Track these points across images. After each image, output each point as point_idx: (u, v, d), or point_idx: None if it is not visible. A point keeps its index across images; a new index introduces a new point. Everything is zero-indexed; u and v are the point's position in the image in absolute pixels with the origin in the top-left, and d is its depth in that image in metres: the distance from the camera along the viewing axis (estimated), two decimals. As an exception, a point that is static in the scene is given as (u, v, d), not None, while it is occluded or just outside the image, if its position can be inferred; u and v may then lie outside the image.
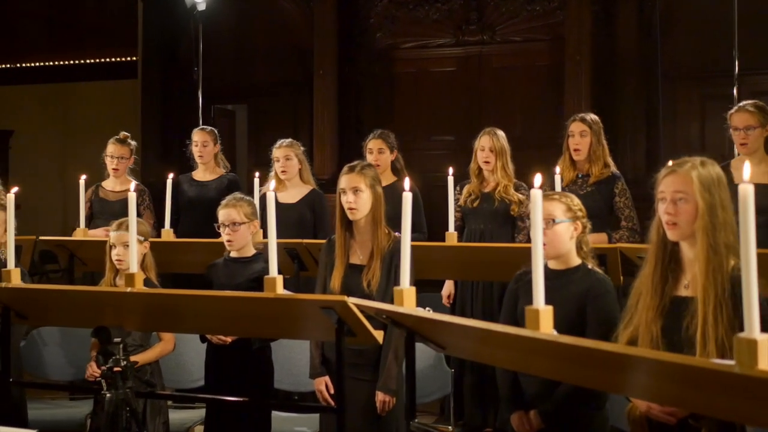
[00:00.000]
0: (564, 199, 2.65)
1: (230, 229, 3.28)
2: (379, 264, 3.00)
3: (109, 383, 2.59)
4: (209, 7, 7.80)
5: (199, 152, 4.71)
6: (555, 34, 7.68)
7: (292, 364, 3.77)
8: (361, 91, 8.29)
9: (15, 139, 9.63)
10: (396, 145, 4.56)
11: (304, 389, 3.79)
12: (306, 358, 3.63)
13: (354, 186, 3.00)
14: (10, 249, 2.79)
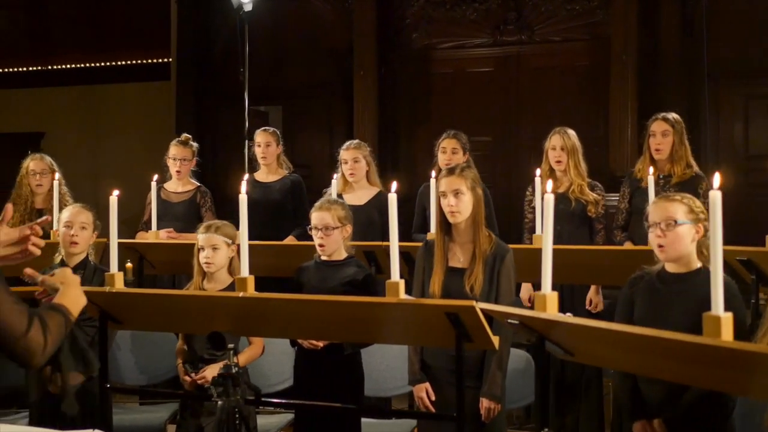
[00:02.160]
0: (686, 201, 2.59)
1: (323, 233, 3.22)
2: (481, 267, 2.94)
3: (221, 390, 2.54)
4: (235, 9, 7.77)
5: (263, 153, 4.65)
6: (595, 33, 7.61)
7: (372, 368, 3.71)
8: (397, 91, 8.23)
9: (46, 141, 9.58)
10: (468, 146, 4.49)
11: (385, 394, 3.73)
12: (392, 363, 3.59)
13: (455, 188, 2.94)
14: (113, 252, 2.73)
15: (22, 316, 1.49)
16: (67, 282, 1.76)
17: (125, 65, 9.49)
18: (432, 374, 3.05)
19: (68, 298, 1.68)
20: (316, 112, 8.58)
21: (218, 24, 8.82)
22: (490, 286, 2.94)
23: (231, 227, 3.36)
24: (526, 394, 3.46)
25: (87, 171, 9.77)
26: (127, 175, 9.20)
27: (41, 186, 4.40)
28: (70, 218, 3.37)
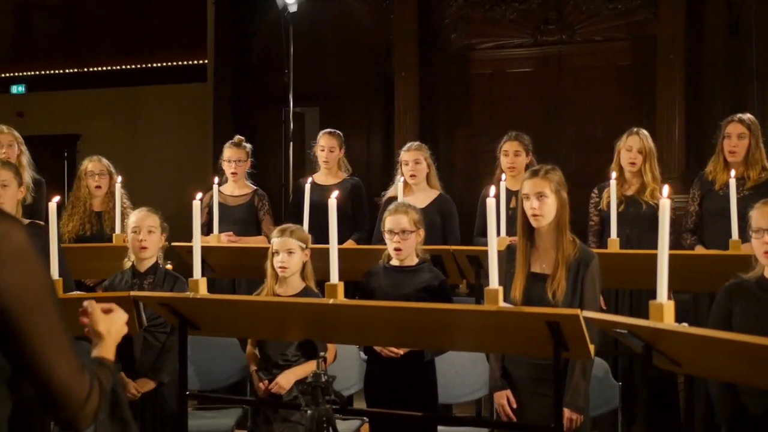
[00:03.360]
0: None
1: (399, 237, 3.15)
2: (564, 273, 2.87)
3: (310, 399, 2.49)
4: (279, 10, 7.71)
5: (325, 157, 4.59)
6: (638, 32, 7.52)
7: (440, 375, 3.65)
8: (435, 93, 8.16)
9: (82, 143, 9.62)
10: (531, 147, 4.41)
11: (450, 401, 3.67)
12: (459, 370, 3.53)
13: (539, 191, 2.87)
14: (197, 257, 2.69)
15: (84, 379, 1.20)
16: (110, 331, 1.43)
17: (161, 67, 9.50)
18: (512, 382, 2.98)
19: (109, 349, 1.40)
20: (353, 113, 8.53)
21: (255, 25, 8.80)
22: (573, 293, 2.86)
23: (305, 231, 3.31)
24: (608, 399, 3.39)
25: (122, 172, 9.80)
26: (163, 177, 9.23)
27: (100, 188, 4.37)
28: (138, 223, 3.33)
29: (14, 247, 1.10)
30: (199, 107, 9.17)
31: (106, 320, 1.40)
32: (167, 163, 9.26)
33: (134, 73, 9.59)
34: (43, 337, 1.13)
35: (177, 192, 8.44)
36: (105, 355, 1.36)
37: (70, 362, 1.17)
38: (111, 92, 9.62)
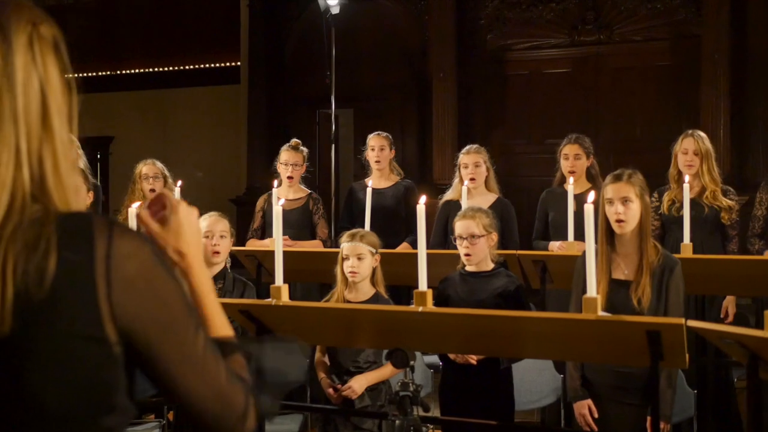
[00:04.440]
0: None
1: (468, 242, 3.10)
2: (648, 279, 2.80)
3: (399, 409, 2.44)
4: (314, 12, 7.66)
5: (377, 157, 4.54)
6: (678, 32, 7.43)
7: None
8: (471, 94, 8.10)
9: (115, 145, 9.64)
10: (592, 151, 4.34)
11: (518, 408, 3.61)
12: (524, 377, 3.47)
13: (623, 196, 2.81)
14: (278, 263, 2.65)
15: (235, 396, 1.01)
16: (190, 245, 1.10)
17: (194, 69, 9.50)
18: (593, 390, 2.92)
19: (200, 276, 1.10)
20: (387, 114, 8.49)
21: (289, 27, 8.77)
22: (658, 300, 2.80)
23: (374, 236, 3.26)
24: (684, 408, 3.32)
25: (155, 175, 9.82)
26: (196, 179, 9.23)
27: (154, 191, 4.34)
28: (210, 228, 3.29)
29: (142, 268, 0.96)
30: (232, 109, 9.16)
31: (174, 233, 1.09)
32: (200, 165, 9.25)
33: (167, 76, 9.60)
34: (181, 362, 0.98)
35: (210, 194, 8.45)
36: (206, 303, 1.08)
37: (216, 383, 1.00)
38: (144, 94, 9.64)
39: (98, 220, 0.95)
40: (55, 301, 0.90)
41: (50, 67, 0.99)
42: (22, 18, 0.97)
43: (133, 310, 0.94)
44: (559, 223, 4.20)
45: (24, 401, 0.90)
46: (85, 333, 0.91)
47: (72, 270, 0.91)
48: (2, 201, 0.91)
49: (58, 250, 0.91)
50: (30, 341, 0.89)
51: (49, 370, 0.90)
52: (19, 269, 0.89)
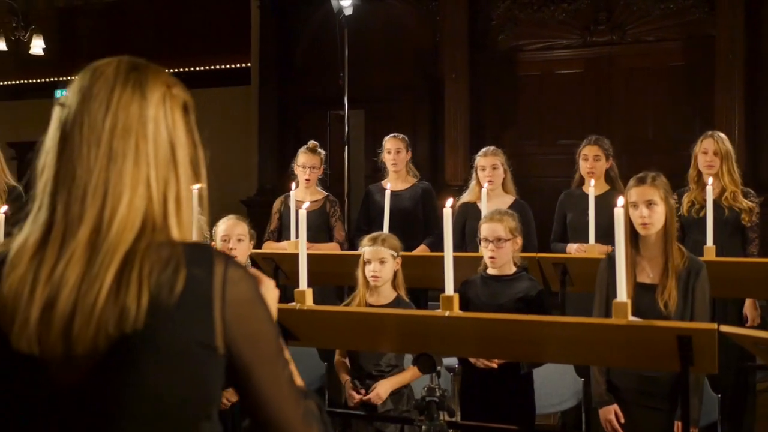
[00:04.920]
0: None
1: (494, 246, 3.08)
2: (674, 283, 2.78)
3: (426, 414, 2.42)
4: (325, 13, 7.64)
5: (393, 160, 4.52)
6: (690, 32, 7.40)
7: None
8: (482, 95, 8.08)
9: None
10: (612, 152, 4.32)
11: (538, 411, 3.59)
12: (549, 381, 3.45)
13: (648, 199, 2.79)
14: (303, 267, 2.63)
15: (311, 425, 1.14)
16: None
17: (204, 71, 9.50)
18: (619, 396, 2.89)
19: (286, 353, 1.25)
20: (398, 115, 8.46)
21: (300, 28, 8.76)
22: (684, 304, 2.78)
23: (396, 239, 3.24)
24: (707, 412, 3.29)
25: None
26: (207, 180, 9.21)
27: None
28: (227, 231, 3.28)
29: (249, 295, 1.11)
30: (243, 111, 9.14)
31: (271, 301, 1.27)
32: (211, 166, 9.20)
33: (178, 77, 9.55)
34: (273, 387, 1.12)
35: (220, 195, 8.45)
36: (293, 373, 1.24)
37: (296, 411, 1.13)
38: (154, 96, 9.62)
39: (216, 251, 1.13)
40: (181, 308, 1.05)
41: (178, 123, 1.18)
42: (159, 79, 1.19)
43: (237, 329, 1.09)
44: (578, 226, 4.17)
45: (142, 389, 1.03)
46: (201, 339, 1.06)
47: (196, 285, 1.06)
48: (135, 223, 1.08)
49: (186, 267, 1.06)
50: (156, 338, 1.03)
51: (168, 365, 1.03)
52: (154, 278, 1.05)
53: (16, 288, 1.05)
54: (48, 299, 1.04)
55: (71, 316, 1.03)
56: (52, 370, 1.03)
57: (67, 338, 1.03)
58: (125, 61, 1.22)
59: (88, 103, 1.15)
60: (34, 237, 1.09)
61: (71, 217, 1.08)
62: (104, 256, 1.05)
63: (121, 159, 1.10)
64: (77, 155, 1.11)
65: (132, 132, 1.12)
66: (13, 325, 1.04)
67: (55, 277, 1.05)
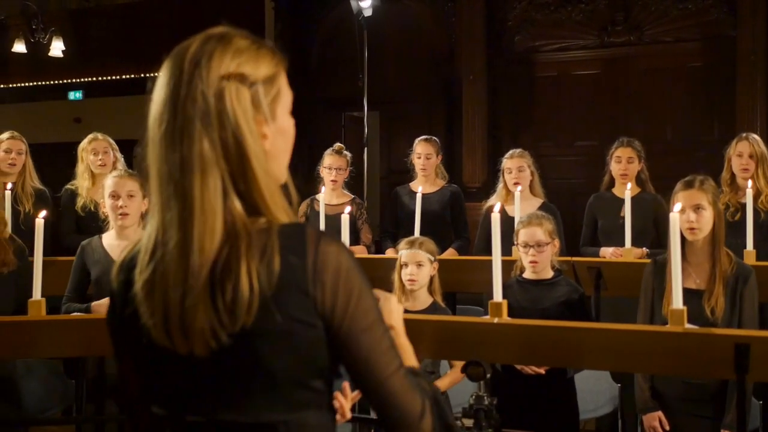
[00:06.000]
0: None
1: (535, 250, 3.02)
2: (722, 289, 2.72)
3: (474, 423, 2.37)
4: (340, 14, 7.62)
5: (423, 165, 4.46)
6: (709, 33, 7.34)
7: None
8: (499, 96, 8.03)
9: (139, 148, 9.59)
10: (644, 154, 4.26)
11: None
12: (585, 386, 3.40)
13: (696, 203, 2.73)
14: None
15: (415, 397, 1.17)
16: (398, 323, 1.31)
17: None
18: (663, 402, 2.84)
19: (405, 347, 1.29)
20: (413, 117, 8.42)
21: (314, 29, 8.71)
22: (732, 310, 2.72)
23: (433, 243, 3.19)
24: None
25: (179, 178, 9.74)
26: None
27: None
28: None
29: (341, 270, 1.13)
30: (257, 112, 9.09)
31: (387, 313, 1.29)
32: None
33: (190, 78, 9.54)
34: (378, 359, 1.15)
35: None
36: (405, 353, 1.26)
37: (401, 381, 1.16)
38: (167, 98, 9.58)
39: (309, 230, 1.15)
40: (280, 293, 1.11)
41: (249, 113, 1.16)
42: (227, 68, 1.17)
43: (331, 304, 1.13)
44: (610, 229, 4.12)
45: (258, 369, 1.12)
46: (301, 318, 1.12)
47: (290, 269, 1.11)
48: (217, 226, 1.11)
49: (280, 254, 1.11)
50: (264, 324, 1.11)
51: (277, 345, 1.12)
52: (258, 272, 1.10)
53: (141, 289, 1.14)
54: (163, 300, 1.12)
55: (181, 315, 1.11)
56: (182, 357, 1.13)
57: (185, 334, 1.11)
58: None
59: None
60: (151, 237, 1.15)
61: (169, 217, 1.13)
62: (195, 257, 1.10)
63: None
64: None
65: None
66: (150, 319, 1.13)
67: (161, 278, 1.12)
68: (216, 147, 1.12)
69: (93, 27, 9.82)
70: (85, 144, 4.26)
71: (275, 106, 1.20)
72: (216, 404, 1.14)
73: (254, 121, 1.15)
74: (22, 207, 3.95)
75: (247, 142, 1.13)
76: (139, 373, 1.21)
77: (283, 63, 1.25)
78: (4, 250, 3.05)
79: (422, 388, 1.19)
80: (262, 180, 1.13)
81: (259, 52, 1.20)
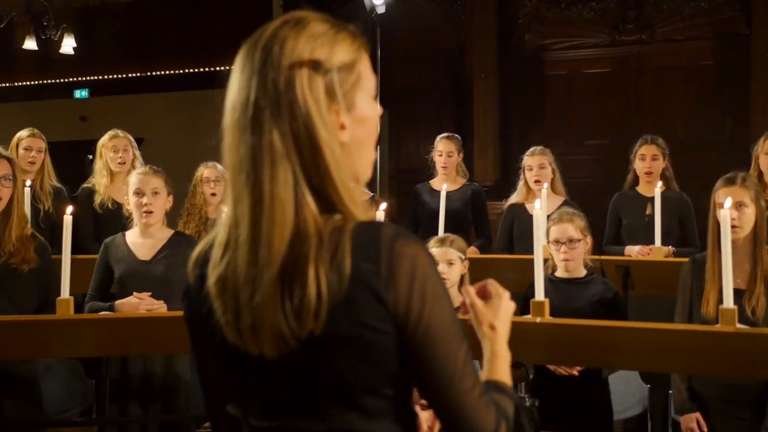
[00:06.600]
0: None
1: (567, 247, 2.97)
2: (763, 289, 2.67)
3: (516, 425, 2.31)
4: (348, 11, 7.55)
5: (444, 162, 4.40)
6: (721, 31, 7.29)
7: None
8: (509, 94, 7.98)
9: (145, 147, 9.51)
10: (668, 152, 4.20)
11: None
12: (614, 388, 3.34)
13: (738, 200, 2.67)
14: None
15: (489, 415, 1.08)
16: (500, 331, 1.23)
17: (225, 70, 9.34)
18: (701, 404, 2.79)
19: (502, 352, 1.21)
20: (423, 115, 8.36)
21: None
22: (773, 309, 2.66)
23: (463, 241, 3.13)
24: None
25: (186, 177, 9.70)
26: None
27: (215, 195, 4.21)
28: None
29: (417, 273, 1.06)
30: (264, 110, 9.04)
31: (493, 311, 1.23)
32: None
33: (197, 77, 9.48)
34: (452, 373, 1.08)
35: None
36: (498, 362, 1.19)
37: (475, 398, 1.08)
38: (174, 96, 9.52)
39: (385, 230, 1.07)
40: (350, 298, 1.04)
41: (322, 103, 1.08)
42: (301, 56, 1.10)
43: (404, 311, 1.06)
44: (635, 228, 4.07)
45: (330, 376, 1.07)
46: (373, 325, 1.05)
47: (362, 273, 1.05)
48: (287, 221, 1.05)
49: (351, 257, 1.04)
50: (334, 331, 1.05)
51: (348, 352, 1.06)
52: (327, 276, 1.04)
53: (213, 285, 1.09)
54: (234, 297, 1.07)
55: (251, 313, 1.06)
56: (253, 358, 1.08)
57: (255, 333, 1.06)
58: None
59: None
60: (225, 230, 1.10)
61: (240, 210, 1.07)
62: (264, 253, 1.05)
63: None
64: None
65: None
66: (223, 316, 1.08)
67: (232, 275, 1.07)
68: (287, 138, 1.06)
69: (99, 25, 9.75)
70: (106, 140, 4.20)
71: (354, 94, 1.11)
72: (288, 410, 1.09)
73: (329, 110, 1.08)
74: (41, 205, 3.89)
75: (319, 134, 1.06)
76: (218, 371, 1.17)
77: (365, 47, 1.15)
78: (25, 248, 2.98)
79: (499, 407, 1.11)
80: (336, 174, 1.06)
81: (337, 37, 1.12)
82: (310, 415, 1.08)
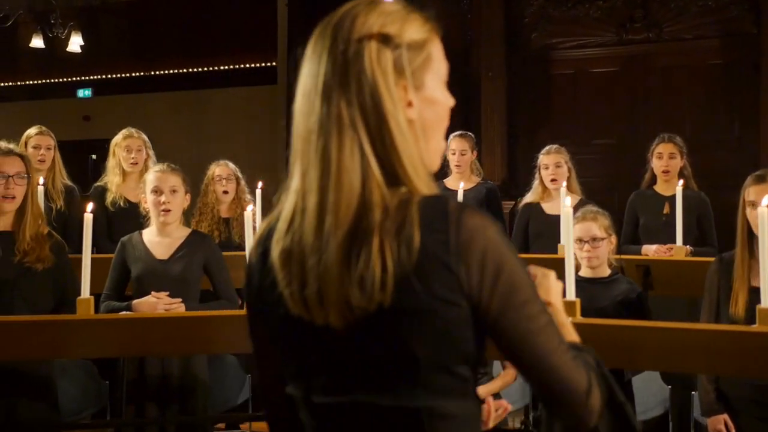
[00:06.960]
0: None
1: (590, 245, 2.93)
2: (793, 287, 2.62)
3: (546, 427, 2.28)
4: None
5: (457, 161, 4.37)
6: (730, 30, 7.27)
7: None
8: (515, 93, 7.95)
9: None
10: (686, 150, 4.17)
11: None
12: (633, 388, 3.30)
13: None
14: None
15: (580, 373, 1.08)
16: (558, 300, 1.25)
17: (230, 69, 9.35)
18: (729, 405, 2.75)
19: (566, 323, 1.22)
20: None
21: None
22: (801, 309, 2.62)
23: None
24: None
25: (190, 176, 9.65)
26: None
27: (227, 193, 4.17)
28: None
29: (486, 244, 1.06)
30: (269, 110, 9.00)
31: (545, 289, 1.23)
32: (237, 165, 9.10)
33: (201, 76, 9.45)
34: (536, 337, 1.08)
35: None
36: (566, 329, 1.19)
37: (563, 356, 1.08)
38: (178, 95, 9.48)
39: (451, 203, 1.07)
40: (420, 270, 1.04)
41: (390, 76, 1.08)
42: (370, 30, 1.09)
43: (478, 280, 1.05)
44: (653, 227, 4.04)
45: (399, 349, 1.05)
46: (443, 296, 1.04)
47: (432, 245, 1.04)
48: (354, 189, 1.04)
49: (420, 229, 1.04)
50: (402, 303, 1.04)
51: (419, 325, 1.05)
52: (393, 247, 1.03)
53: (278, 257, 1.09)
54: (300, 267, 1.06)
55: (317, 281, 1.05)
56: (318, 329, 1.07)
57: (321, 302, 1.05)
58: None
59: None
60: (290, 206, 1.10)
61: (308, 181, 1.08)
62: (331, 220, 1.05)
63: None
64: None
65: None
66: (287, 288, 1.08)
67: (298, 245, 1.07)
68: (353, 108, 1.06)
69: (102, 24, 9.71)
70: (119, 140, 4.16)
71: (423, 73, 1.11)
72: (353, 384, 1.07)
73: (396, 85, 1.08)
74: (54, 204, 3.85)
75: (385, 105, 1.06)
76: (276, 350, 1.15)
77: (437, 31, 1.15)
78: (40, 246, 2.94)
79: (587, 362, 1.11)
80: (401, 146, 1.06)
81: (409, 17, 1.12)
82: (377, 390, 1.06)
